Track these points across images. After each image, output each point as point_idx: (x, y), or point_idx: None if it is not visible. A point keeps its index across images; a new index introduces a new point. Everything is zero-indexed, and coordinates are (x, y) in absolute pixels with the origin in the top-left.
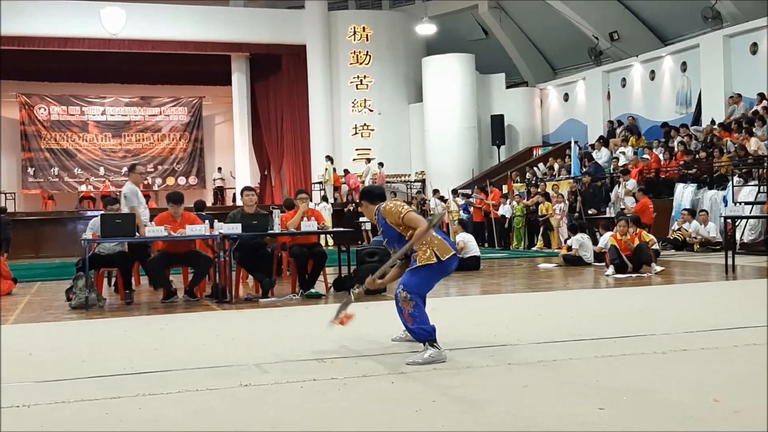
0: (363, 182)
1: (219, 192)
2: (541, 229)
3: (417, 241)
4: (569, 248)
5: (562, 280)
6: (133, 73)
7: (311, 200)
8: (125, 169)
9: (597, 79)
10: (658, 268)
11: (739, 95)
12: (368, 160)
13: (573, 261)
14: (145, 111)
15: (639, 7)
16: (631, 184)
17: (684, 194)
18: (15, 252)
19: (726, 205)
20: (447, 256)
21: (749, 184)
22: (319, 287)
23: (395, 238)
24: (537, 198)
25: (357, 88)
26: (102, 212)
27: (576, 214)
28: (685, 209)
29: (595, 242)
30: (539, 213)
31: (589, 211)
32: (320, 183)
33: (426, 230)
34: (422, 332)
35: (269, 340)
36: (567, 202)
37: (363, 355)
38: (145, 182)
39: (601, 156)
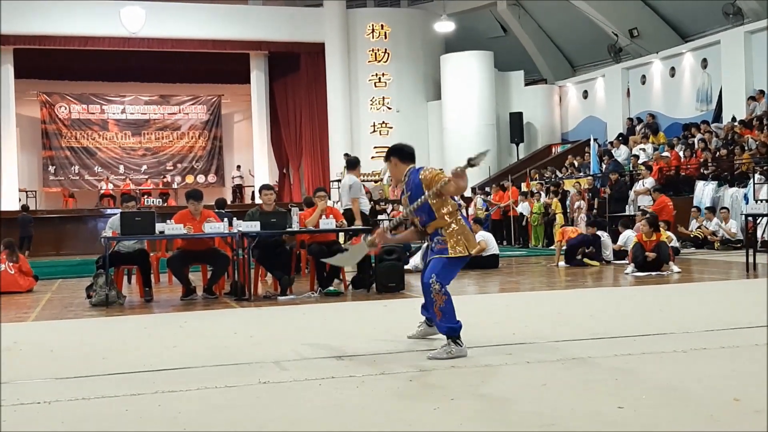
0: (381, 180)
1: (238, 190)
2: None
3: (444, 192)
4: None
5: (581, 278)
6: (153, 71)
7: (330, 198)
8: (145, 167)
9: (616, 76)
10: (677, 269)
11: (762, 92)
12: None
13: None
14: (164, 109)
15: (659, 3)
16: (650, 182)
17: (704, 192)
18: (36, 249)
19: (747, 203)
20: (473, 250)
21: None
22: (338, 285)
23: (425, 209)
24: (550, 197)
25: (375, 86)
26: (121, 210)
27: (594, 211)
28: (695, 207)
29: (614, 240)
30: (552, 210)
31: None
32: (339, 181)
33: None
34: (448, 329)
35: (288, 338)
36: (585, 200)
37: (381, 352)
38: (165, 180)
39: (621, 153)
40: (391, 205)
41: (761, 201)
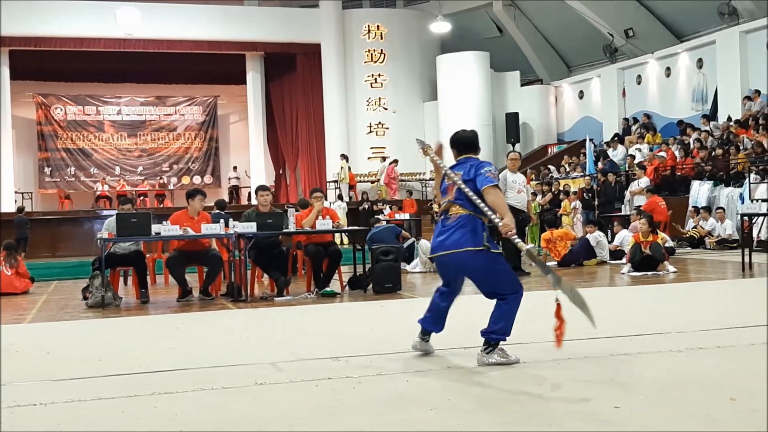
0: (378, 180)
1: (234, 191)
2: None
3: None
4: None
5: (577, 278)
6: (149, 72)
7: (326, 199)
8: (141, 168)
9: (612, 76)
10: (672, 269)
11: (757, 91)
12: (383, 159)
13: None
14: (160, 110)
15: (654, 3)
16: (644, 182)
17: (700, 192)
18: (32, 251)
19: (743, 203)
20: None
21: (766, 181)
22: (334, 286)
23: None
24: (548, 196)
25: (371, 87)
26: (117, 211)
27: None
28: (694, 206)
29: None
30: (562, 210)
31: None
32: (335, 181)
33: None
34: None
35: (284, 339)
36: (580, 200)
37: (378, 353)
38: (161, 181)
39: (617, 154)
40: (388, 206)
41: (757, 200)
